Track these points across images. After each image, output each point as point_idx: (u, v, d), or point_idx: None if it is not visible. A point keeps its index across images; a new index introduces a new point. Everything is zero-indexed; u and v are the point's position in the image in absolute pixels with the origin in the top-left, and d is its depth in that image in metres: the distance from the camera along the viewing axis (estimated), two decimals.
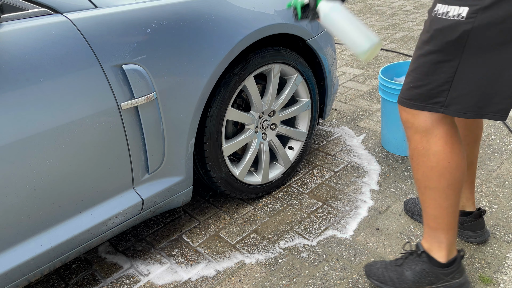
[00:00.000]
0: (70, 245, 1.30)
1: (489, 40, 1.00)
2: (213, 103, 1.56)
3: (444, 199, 1.24)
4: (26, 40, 1.12)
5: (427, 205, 1.28)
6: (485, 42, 1.00)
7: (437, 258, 1.30)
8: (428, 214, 1.29)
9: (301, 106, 1.95)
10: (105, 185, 1.34)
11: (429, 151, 1.20)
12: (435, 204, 1.25)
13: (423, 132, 1.19)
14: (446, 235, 1.28)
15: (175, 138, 1.46)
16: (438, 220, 1.27)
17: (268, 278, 1.52)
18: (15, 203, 1.14)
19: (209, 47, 1.45)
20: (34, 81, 1.11)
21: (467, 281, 1.33)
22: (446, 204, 1.24)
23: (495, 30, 0.98)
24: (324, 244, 1.66)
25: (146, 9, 1.34)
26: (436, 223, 1.28)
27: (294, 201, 1.92)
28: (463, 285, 1.32)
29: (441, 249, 1.30)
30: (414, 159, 1.25)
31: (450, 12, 1.00)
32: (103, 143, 1.27)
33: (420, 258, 1.33)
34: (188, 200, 1.66)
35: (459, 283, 1.31)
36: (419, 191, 1.29)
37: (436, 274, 1.31)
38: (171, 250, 1.69)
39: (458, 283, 1.31)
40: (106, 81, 1.23)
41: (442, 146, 1.18)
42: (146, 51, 1.30)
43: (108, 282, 1.56)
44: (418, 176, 1.26)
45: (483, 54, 1.02)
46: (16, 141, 1.10)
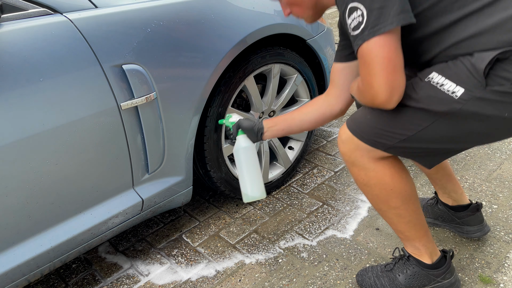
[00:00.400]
0: (70, 245, 1.30)
1: (471, 123, 1.03)
2: (213, 103, 1.56)
3: (401, 216, 1.26)
4: (26, 40, 1.12)
5: (389, 222, 1.31)
6: (467, 121, 1.03)
7: (423, 260, 1.32)
8: (394, 229, 1.32)
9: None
10: (105, 185, 1.34)
11: (370, 183, 1.22)
12: (396, 221, 1.28)
13: (360, 166, 1.21)
14: (419, 242, 1.30)
15: (175, 138, 1.46)
16: (406, 233, 1.30)
17: (268, 278, 1.52)
18: (15, 203, 1.14)
19: (209, 47, 1.45)
20: (34, 81, 1.11)
21: (458, 279, 1.36)
22: (406, 220, 1.26)
23: (479, 119, 1.01)
24: (324, 244, 1.66)
25: (146, 9, 1.34)
26: (405, 236, 1.31)
27: (294, 201, 1.92)
28: (453, 284, 1.34)
29: (421, 254, 1.32)
30: (358, 186, 1.27)
31: (445, 85, 1.01)
32: (103, 143, 1.27)
33: (410, 262, 1.34)
34: (188, 200, 1.66)
35: (450, 282, 1.33)
36: (376, 211, 1.31)
37: (427, 276, 1.32)
38: (171, 250, 1.69)
39: (449, 283, 1.33)
40: (106, 81, 1.23)
41: (381, 178, 1.20)
42: (146, 51, 1.30)
43: (108, 282, 1.56)
44: (369, 200, 1.29)
45: (457, 125, 1.05)
46: (16, 141, 1.10)
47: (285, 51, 1.75)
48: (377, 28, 0.93)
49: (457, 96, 0.99)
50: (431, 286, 1.33)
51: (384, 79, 0.96)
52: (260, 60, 1.65)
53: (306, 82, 1.90)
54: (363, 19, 0.95)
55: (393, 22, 0.93)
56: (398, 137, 1.11)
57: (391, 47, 0.95)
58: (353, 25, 0.97)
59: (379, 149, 1.15)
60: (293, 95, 1.94)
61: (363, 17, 0.94)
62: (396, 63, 0.97)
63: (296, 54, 1.81)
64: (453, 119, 1.03)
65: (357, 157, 1.19)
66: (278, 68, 1.75)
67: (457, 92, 0.99)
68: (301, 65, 1.84)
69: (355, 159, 1.20)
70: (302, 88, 1.92)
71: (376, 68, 0.96)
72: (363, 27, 0.94)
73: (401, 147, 1.12)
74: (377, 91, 0.98)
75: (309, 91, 1.94)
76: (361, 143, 1.17)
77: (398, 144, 1.12)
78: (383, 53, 0.95)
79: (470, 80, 0.97)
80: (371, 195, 1.25)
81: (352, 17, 0.97)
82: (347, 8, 0.97)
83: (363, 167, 1.20)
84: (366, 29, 0.94)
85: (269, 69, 1.73)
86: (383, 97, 0.98)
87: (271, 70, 1.74)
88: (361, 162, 1.20)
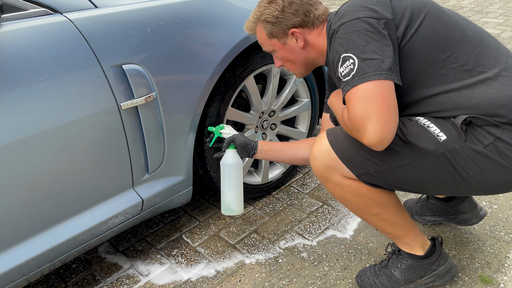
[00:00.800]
0: (70, 245, 1.30)
1: (444, 172, 1.08)
2: (213, 103, 1.56)
3: (384, 220, 1.27)
4: (26, 40, 1.12)
5: (374, 226, 1.32)
6: (442, 168, 1.08)
7: (416, 253, 1.33)
8: (381, 231, 1.33)
9: (301, 106, 1.95)
10: (105, 185, 1.33)
11: (346, 196, 1.23)
12: (381, 225, 1.29)
13: (334, 182, 1.21)
14: (408, 238, 1.32)
15: (175, 138, 1.46)
16: (393, 233, 1.31)
17: (268, 278, 1.52)
18: (15, 203, 1.14)
19: (209, 47, 1.45)
20: (34, 81, 1.11)
21: (453, 265, 1.37)
22: (389, 222, 1.27)
23: (451, 170, 1.08)
24: (324, 244, 1.66)
25: (146, 9, 1.34)
26: (393, 235, 1.32)
27: (294, 201, 1.92)
28: (450, 270, 1.36)
29: (413, 248, 1.33)
30: (336, 199, 1.30)
31: (431, 128, 1.08)
32: (103, 143, 1.27)
33: (402, 256, 1.35)
34: (188, 200, 1.66)
35: (446, 268, 1.35)
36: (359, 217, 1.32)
37: (422, 267, 1.33)
38: (171, 250, 1.69)
39: (445, 269, 1.35)
40: (106, 81, 1.23)
41: (358, 191, 1.20)
42: (146, 51, 1.30)
43: (108, 282, 1.56)
44: (349, 209, 1.30)
45: (434, 169, 1.09)
46: (16, 141, 1.09)
47: None
48: (366, 75, 0.98)
49: (441, 140, 1.06)
50: (428, 276, 1.34)
51: (378, 123, 0.96)
52: (260, 60, 1.65)
53: (306, 82, 1.90)
54: (354, 67, 1.00)
55: (381, 74, 0.97)
56: (377, 167, 1.13)
57: (385, 88, 0.98)
58: (344, 72, 1.01)
59: (353, 172, 1.16)
60: (293, 95, 1.94)
61: (354, 65, 1.00)
62: (390, 104, 0.98)
63: None
64: (433, 161, 1.07)
65: (330, 174, 1.20)
66: (278, 68, 1.75)
67: (441, 136, 1.06)
68: None
69: (328, 175, 1.20)
70: (302, 88, 1.92)
71: (371, 109, 0.96)
72: (354, 74, 0.99)
73: (375, 176, 1.15)
74: (369, 135, 0.97)
75: (309, 91, 1.94)
76: (336, 160, 1.17)
77: (374, 173, 1.14)
78: (376, 92, 0.97)
79: (452, 131, 1.06)
80: (349, 206, 1.27)
81: (344, 66, 1.02)
82: (340, 58, 1.03)
83: (337, 183, 1.21)
84: (356, 76, 0.99)
85: (269, 69, 1.73)
86: (374, 141, 0.98)
87: (271, 70, 1.74)
88: (334, 178, 1.20)
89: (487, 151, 1.04)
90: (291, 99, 1.95)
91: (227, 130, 1.50)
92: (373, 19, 1.03)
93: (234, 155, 1.46)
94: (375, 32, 1.02)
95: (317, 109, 2.04)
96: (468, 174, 1.07)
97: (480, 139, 1.05)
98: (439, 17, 1.09)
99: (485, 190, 1.12)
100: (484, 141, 1.04)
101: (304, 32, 1.21)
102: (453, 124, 1.06)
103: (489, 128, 1.04)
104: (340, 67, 1.03)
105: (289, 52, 1.26)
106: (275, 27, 1.22)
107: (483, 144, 1.04)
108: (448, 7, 4.93)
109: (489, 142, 1.04)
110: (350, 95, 0.99)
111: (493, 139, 1.04)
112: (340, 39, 1.04)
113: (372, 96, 0.96)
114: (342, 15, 1.08)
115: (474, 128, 1.05)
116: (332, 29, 1.09)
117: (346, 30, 1.03)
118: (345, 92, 1.01)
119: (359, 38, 1.01)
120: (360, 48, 1.00)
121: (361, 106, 0.97)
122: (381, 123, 0.96)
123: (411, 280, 1.35)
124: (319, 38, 1.22)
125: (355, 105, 0.98)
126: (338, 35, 1.05)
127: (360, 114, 0.97)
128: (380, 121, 0.96)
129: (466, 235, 1.64)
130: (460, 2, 5.17)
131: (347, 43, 1.02)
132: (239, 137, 1.46)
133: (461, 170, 1.07)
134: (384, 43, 1.02)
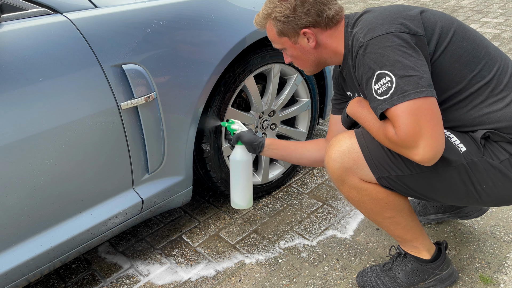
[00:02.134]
0: (70, 245, 1.30)
1: (461, 183, 1.10)
2: (213, 103, 1.55)
3: (397, 224, 1.27)
4: (26, 40, 1.12)
5: (385, 229, 1.31)
6: (460, 179, 1.10)
7: (422, 257, 1.34)
8: (392, 234, 1.33)
9: (301, 106, 1.95)
10: (105, 185, 1.33)
11: (363, 199, 1.22)
12: (393, 228, 1.29)
13: (351, 185, 1.20)
14: (417, 242, 1.32)
15: (175, 138, 1.46)
16: (403, 237, 1.31)
17: (268, 278, 1.52)
18: (15, 203, 1.14)
19: (209, 47, 1.45)
20: (34, 81, 1.11)
21: (455, 270, 1.39)
22: (402, 225, 1.27)
23: (468, 182, 1.10)
24: (324, 244, 1.65)
25: (146, 9, 1.34)
26: (403, 239, 1.32)
27: (294, 201, 1.92)
28: (451, 275, 1.37)
29: (420, 251, 1.33)
30: (350, 202, 1.28)
31: (452, 138, 1.09)
32: (103, 143, 1.27)
33: (407, 259, 1.35)
34: (188, 200, 1.66)
35: (448, 273, 1.36)
36: (371, 221, 1.34)
37: (426, 270, 1.34)
38: (171, 250, 1.69)
39: (447, 274, 1.36)
40: (106, 81, 1.23)
41: (375, 195, 1.20)
42: (146, 51, 1.30)
43: (108, 282, 1.56)
44: (363, 213, 1.30)
45: (453, 180, 1.10)
46: (16, 141, 1.09)
47: None
48: (406, 94, 0.95)
49: (462, 151, 1.07)
50: (431, 279, 1.35)
51: (431, 138, 0.95)
52: (260, 60, 1.65)
53: (306, 82, 1.90)
54: (392, 85, 0.97)
55: (422, 91, 0.95)
56: (399, 171, 1.12)
57: (429, 105, 0.96)
58: (381, 90, 0.98)
59: (374, 174, 1.15)
60: (293, 95, 1.94)
61: (392, 83, 0.97)
62: (439, 118, 0.98)
63: None
64: (452, 171, 1.08)
65: (348, 177, 1.18)
66: (278, 68, 1.75)
67: (462, 148, 1.07)
68: None
69: (345, 178, 1.19)
70: (302, 88, 1.92)
71: (423, 125, 0.95)
72: (392, 92, 0.96)
73: (394, 180, 1.15)
74: (423, 151, 0.95)
75: (309, 91, 1.94)
76: (357, 162, 1.15)
77: (394, 178, 1.14)
78: (421, 109, 0.95)
79: (471, 144, 1.07)
80: (364, 209, 1.26)
81: (380, 83, 0.99)
82: (374, 75, 0.99)
83: (355, 186, 1.20)
84: (395, 94, 0.96)
85: (269, 69, 1.73)
86: (428, 157, 0.96)
87: (271, 70, 1.74)
88: (352, 181, 1.19)
89: (502, 166, 1.06)
90: (291, 99, 1.95)
91: (236, 126, 1.50)
92: (406, 34, 1.00)
93: (242, 151, 1.46)
94: (409, 47, 0.99)
95: (317, 109, 2.04)
96: (482, 187, 1.09)
97: (496, 154, 1.07)
98: (466, 34, 1.09)
99: (492, 202, 1.15)
100: (501, 157, 1.06)
101: (316, 32, 1.16)
102: (472, 138, 1.08)
103: (505, 144, 1.07)
104: (375, 84, 1.00)
105: (300, 51, 1.21)
106: (285, 25, 1.16)
107: (499, 159, 1.06)
108: (448, 7, 4.92)
109: (505, 158, 1.06)
110: (396, 112, 0.97)
111: (508, 155, 1.06)
112: (373, 54, 1.01)
113: (420, 112, 0.95)
114: (370, 28, 1.04)
115: (491, 143, 1.08)
116: (360, 42, 1.04)
117: (379, 45, 1.00)
118: (382, 110, 0.99)
119: (394, 54, 0.98)
120: (396, 64, 0.97)
121: (411, 122, 0.95)
122: (434, 137, 0.95)
123: (413, 283, 1.35)
124: (333, 39, 1.17)
125: (405, 121, 0.95)
126: (369, 50, 1.01)
127: (411, 130, 0.95)
128: (432, 136, 0.95)
129: (466, 235, 1.63)
130: (460, 2, 5.16)
131: (381, 59, 0.99)
132: (245, 134, 1.44)
133: (476, 183, 1.09)
134: (419, 58, 1.00)
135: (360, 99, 1.19)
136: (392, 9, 1.09)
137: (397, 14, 1.06)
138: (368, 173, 1.16)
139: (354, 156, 1.15)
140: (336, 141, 1.19)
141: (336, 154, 1.17)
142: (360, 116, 1.15)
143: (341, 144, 1.17)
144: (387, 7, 1.12)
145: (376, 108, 1.01)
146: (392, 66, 0.97)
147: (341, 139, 1.18)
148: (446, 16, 1.12)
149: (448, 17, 1.12)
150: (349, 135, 1.18)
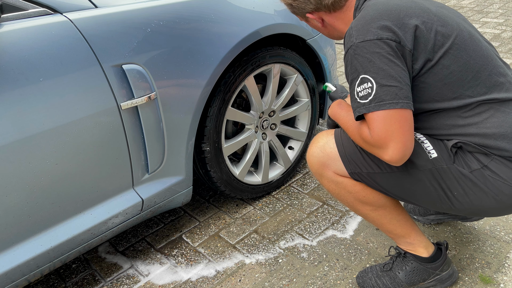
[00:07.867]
0: (70, 245, 1.30)
1: (436, 182, 1.13)
2: (213, 103, 1.56)
3: (383, 216, 1.30)
4: (26, 40, 1.12)
5: (374, 223, 1.34)
6: (427, 182, 1.14)
7: (419, 254, 1.35)
8: (382, 230, 1.35)
9: (301, 106, 1.95)
10: (105, 185, 1.33)
11: (341, 192, 1.29)
12: (380, 222, 1.31)
13: (328, 178, 1.28)
14: (409, 237, 1.33)
15: (175, 138, 1.46)
16: (394, 232, 1.33)
17: (268, 278, 1.52)
18: (15, 203, 1.14)
19: (209, 47, 1.45)
20: (34, 81, 1.11)
21: (455, 271, 1.41)
22: (388, 219, 1.30)
23: (437, 186, 1.13)
24: (324, 244, 1.66)
25: (146, 9, 1.34)
26: (394, 234, 1.34)
27: (294, 201, 1.92)
28: (452, 276, 1.38)
29: (416, 248, 1.35)
30: (332, 195, 1.34)
31: (425, 143, 1.13)
32: (103, 143, 1.27)
33: (407, 258, 1.36)
34: (188, 200, 1.66)
35: (448, 274, 1.37)
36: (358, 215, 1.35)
37: (426, 270, 1.35)
38: (171, 250, 1.69)
39: (448, 274, 1.37)
40: (106, 81, 1.23)
41: (351, 187, 1.26)
42: (146, 51, 1.30)
43: (108, 282, 1.56)
44: (348, 207, 1.35)
45: (423, 178, 1.14)
46: (16, 141, 1.09)
47: (285, 51, 1.75)
48: (382, 103, 1.01)
49: (431, 157, 1.11)
50: (431, 279, 1.36)
51: (400, 142, 1.01)
52: (260, 60, 1.65)
53: (306, 82, 1.90)
54: (372, 91, 1.02)
55: (398, 103, 1.00)
56: (370, 169, 1.19)
57: (401, 115, 1.02)
58: (361, 94, 1.04)
59: (346, 169, 1.23)
60: (293, 95, 1.94)
61: (372, 89, 1.02)
62: (410, 127, 1.03)
63: (296, 54, 1.81)
64: (420, 175, 1.13)
65: (324, 171, 1.27)
66: (278, 68, 1.75)
67: (432, 154, 1.11)
68: (301, 65, 1.84)
69: (322, 171, 1.28)
70: (302, 88, 1.92)
71: (394, 130, 1.01)
72: (371, 99, 1.02)
73: (366, 177, 1.21)
74: (392, 152, 1.02)
75: (309, 91, 1.94)
76: (330, 157, 1.24)
77: (366, 175, 1.21)
78: (394, 118, 1.01)
79: (444, 151, 1.11)
80: (346, 202, 1.31)
81: (362, 87, 1.04)
82: (358, 78, 1.05)
83: (331, 180, 1.28)
84: (373, 102, 1.02)
85: (269, 69, 1.73)
86: (395, 158, 1.03)
87: (271, 70, 1.74)
88: (328, 175, 1.27)
89: (472, 176, 1.09)
90: (291, 99, 1.95)
91: (331, 87, 1.55)
92: (396, 43, 1.02)
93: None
94: (396, 57, 1.02)
95: (317, 109, 2.04)
96: (452, 194, 1.12)
97: (468, 163, 1.10)
98: (458, 55, 1.07)
99: (467, 211, 1.16)
100: (472, 166, 1.09)
101: (322, 15, 1.25)
102: (446, 146, 1.11)
103: (479, 155, 1.09)
104: (358, 87, 1.05)
105: (314, 26, 1.33)
106: (293, 10, 1.30)
107: (470, 169, 1.09)
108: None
109: (477, 168, 1.09)
110: (372, 116, 1.03)
111: (480, 166, 1.08)
112: (361, 57, 1.04)
113: (394, 120, 1.01)
114: (364, 27, 1.05)
115: (465, 153, 1.10)
116: (352, 41, 1.06)
117: (368, 50, 1.03)
118: (360, 113, 1.05)
119: (380, 61, 1.01)
120: (379, 72, 1.01)
121: (384, 127, 1.01)
122: (402, 142, 1.01)
123: (413, 283, 1.36)
124: (340, 21, 1.24)
125: (379, 126, 1.02)
126: (359, 52, 1.04)
127: (383, 134, 1.01)
128: (402, 140, 1.01)
129: (466, 235, 1.64)
130: (460, 2, 5.16)
131: (367, 64, 1.02)
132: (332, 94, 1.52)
133: (446, 189, 1.12)
134: (403, 68, 1.03)
135: (340, 101, 1.28)
136: (394, 6, 1.07)
137: (396, 15, 1.05)
138: (341, 167, 1.24)
139: (328, 151, 1.25)
140: (316, 137, 1.30)
141: (314, 149, 1.28)
142: (339, 117, 1.23)
143: (319, 140, 1.28)
144: (391, 1, 1.09)
145: (355, 109, 1.07)
146: (376, 73, 1.01)
147: (320, 136, 1.29)
148: (448, 25, 1.08)
149: (449, 29, 1.08)
150: (328, 133, 1.29)
